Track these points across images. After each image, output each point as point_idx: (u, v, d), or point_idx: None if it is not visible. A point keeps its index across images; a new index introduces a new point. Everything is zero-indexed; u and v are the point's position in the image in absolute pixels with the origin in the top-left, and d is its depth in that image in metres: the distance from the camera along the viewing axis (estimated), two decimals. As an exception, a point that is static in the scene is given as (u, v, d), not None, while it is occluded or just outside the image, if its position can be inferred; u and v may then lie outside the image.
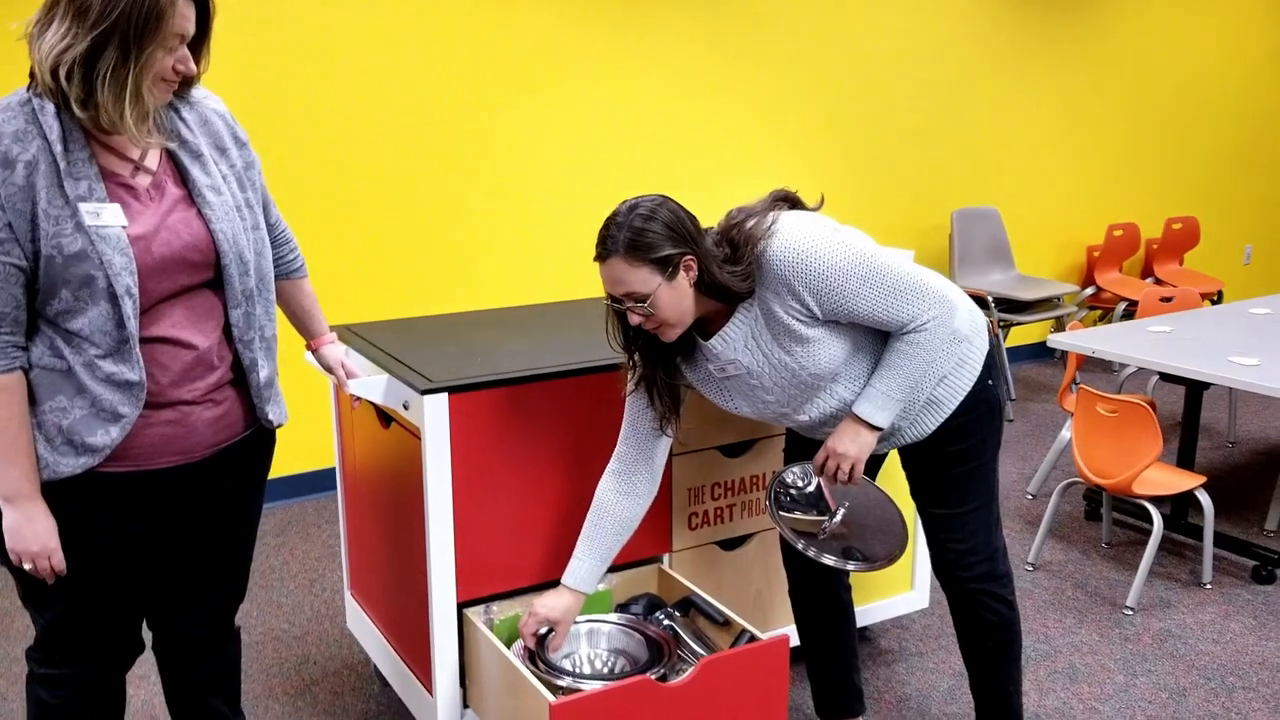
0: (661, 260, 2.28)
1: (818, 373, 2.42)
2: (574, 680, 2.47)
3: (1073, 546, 4.35)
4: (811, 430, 2.60)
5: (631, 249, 2.28)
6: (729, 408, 2.57)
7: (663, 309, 2.32)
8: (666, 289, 2.30)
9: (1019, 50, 6.74)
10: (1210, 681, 3.37)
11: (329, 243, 4.74)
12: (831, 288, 2.33)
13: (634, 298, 2.32)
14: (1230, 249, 8.32)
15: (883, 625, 3.69)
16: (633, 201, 2.33)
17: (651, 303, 2.31)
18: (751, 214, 2.41)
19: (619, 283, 2.32)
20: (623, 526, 2.62)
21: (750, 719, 2.47)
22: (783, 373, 2.43)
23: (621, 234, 2.29)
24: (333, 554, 4.31)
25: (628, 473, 2.61)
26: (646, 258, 2.28)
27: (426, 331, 3.12)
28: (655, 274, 2.29)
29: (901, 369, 2.41)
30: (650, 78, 5.44)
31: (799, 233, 2.35)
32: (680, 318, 2.36)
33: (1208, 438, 5.73)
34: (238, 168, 2.20)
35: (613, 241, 2.30)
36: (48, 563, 2.04)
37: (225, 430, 2.19)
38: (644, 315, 2.34)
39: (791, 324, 2.37)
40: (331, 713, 3.22)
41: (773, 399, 2.49)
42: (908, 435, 2.58)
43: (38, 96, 1.94)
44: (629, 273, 2.29)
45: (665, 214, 2.30)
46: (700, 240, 2.34)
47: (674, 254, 2.29)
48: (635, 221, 2.28)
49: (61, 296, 1.94)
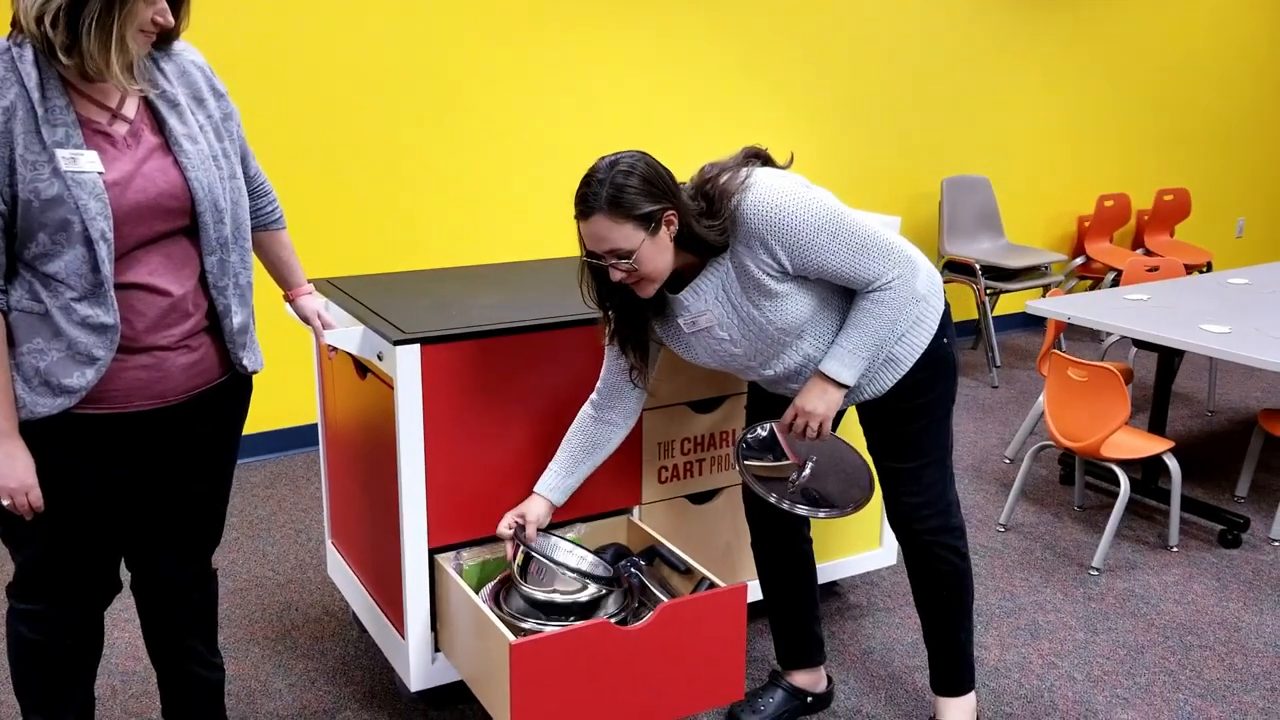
0: (644, 216, 2.32)
1: (784, 327, 2.48)
2: (538, 624, 2.55)
3: (1045, 509, 4.42)
4: (775, 385, 2.67)
5: (614, 206, 2.30)
6: (697, 362, 2.64)
7: (645, 264, 2.36)
8: (649, 244, 2.34)
9: (1013, 19, 6.76)
10: (1168, 640, 3.45)
11: (310, 197, 4.79)
12: (803, 242, 2.38)
13: (617, 254, 2.35)
14: (1222, 222, 8.35)
15: (852, 581, 3.77)
16: (612, 158, 2.35)
17: (636, 259, 2.34)
18: (725, 169, 2.46)
19: (601, 240, 2.34)
20: (594, 445, 2.72)
21: (707, 664, 2.55)
22: (750, 326, 2.49)
23: (604, 190, 2.31)
24: (319, 505, 4.40)
25: (605, 404, 2.71)
26: (630, 214, 2.31)
27: (403, 285, 3.19)
28: (639, 230, 2.32)
29: (867, 327, 2.47)
30: (635, 38, 5.47)
31: (773, 188, 2.40)
32: (660, 272, 2.40)
33: (1187, 406, 5.79)
34: (215, 118, 2.25)
35: (594, 199, 2.32)
36: (25, 499, 2.11)
37: (200, 376, 2.26)
38: (626, 271, 2.37)
39: (761, 278, 2.43)
40: (310, 656, 3.31)
41: (740, 352, 2.55)
42: (866, 392, 2.65)
43: (17, 45, 2.00)
44: (612, 229, 2.32)
45: (644, 169, 2.33)
46: (679, 194, 2.39)
47: (656, 209, 2.33)
48: (616, 178, 2.31)
49: (39, 240, 2.01)
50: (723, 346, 2.55)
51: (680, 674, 2.51)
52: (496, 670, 2.41)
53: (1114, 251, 7.27)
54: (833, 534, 3.44)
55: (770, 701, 3.00)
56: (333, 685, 3.17)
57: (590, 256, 2.42)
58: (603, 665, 2.40)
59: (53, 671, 2.36)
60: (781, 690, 3.03)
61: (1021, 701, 3.12)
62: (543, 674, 2.33)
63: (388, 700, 3.10)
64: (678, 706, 2.53)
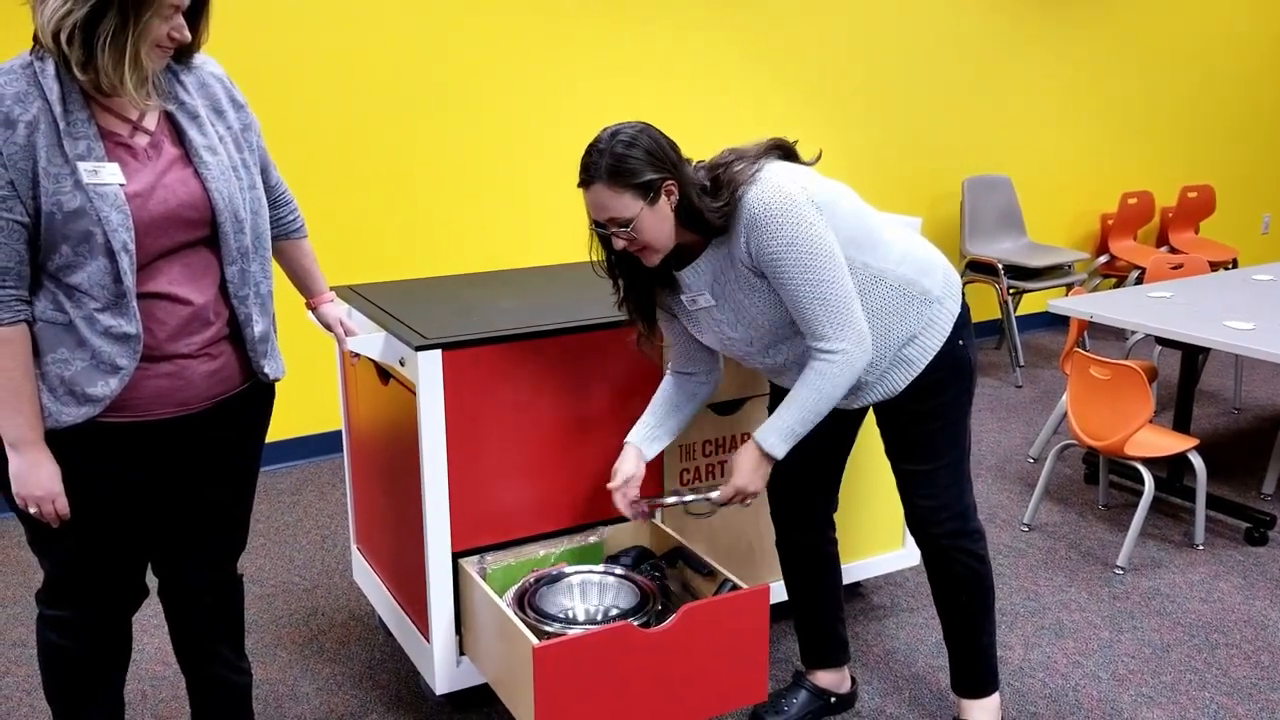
0: (643, 185, 2.35)
1: (774, 320, 2.50)
2: (562, 626, 2.57)
3: (1070, 508, 4.41)
4: (777, 375, 2.67)
5: (614, 175, 2.35)
6: (702, 340, 2.66)
7: (645, 233, 2.40)
8: (649, 213, 2.38)
9: (1034, 18, 6.74)
10: (1194, 638, 3.44)
11: (330, 206, 4.82)
12: (772, 254, 2.39)
13: (617, 223, 2.39)
14: (1248, 218, 8.30)
15: (875, 581, 3.78)
16: (614, 128, 2.39)
17: (634, 227, 2.38)
18: (743, 156, 2.49)
19: (602, 208, 2.39)
20: (679, 402, 2.75)
21: (730, 665, 2.56)
22: (741, 315, 2.52)
23: (604, 160, 2.36)
24: (345, 512, 4.43)
25: (680, 369, 2.76)
26: (629, 183, 2.35)
27: (424, 291, 3.21)
28: (637, 199, 2.36)
29: (805, 403, 2.48)
30: (655, 41, 5.49)
31: (777, 190, 2.40)
32: (662, 242, 2.43)
33: (1214, 404, 5.77)
34: (235, 129, 2.28)
35: (595, 168, 2.37)
36: (52, 507, 2.13)
37: (222, 383, 2.28)
38: (627, 239, 2.41)
39: (745, 271, 2.45)
40: (337, 661, 3.33)
41: (737, 336, 2.57)
42: (877, 392, 2.65)
43: (40, 59, 2.03)
44: (612, 198, 2.36)
45: (646, 140, 2.37)
46: (681, 165, 2.41)
47: (655, 179, 2.36)
48: (617, 148, 2.35)
49: (62, 252, 2.03)
50: (721, 329, 2.57)
51: (703, 675, 2.52)
52: (520, 673, 2.43)
53: (1138, 249, 7.23)
54: (856, 535, 3.44)
55: (794, 702, 3.01)
56: (359, 689, 3.19)
57: (595, 225, 2.46)
58: (626, 667, 2.41)
59: (82, 677, 2.39)
60: (805, 691, 3.03)
61: (1046, 701, 3.11)
62: (566, 676, 2.34)
63: (413, 703, 3.12)
64: (701, 708, 2.54)
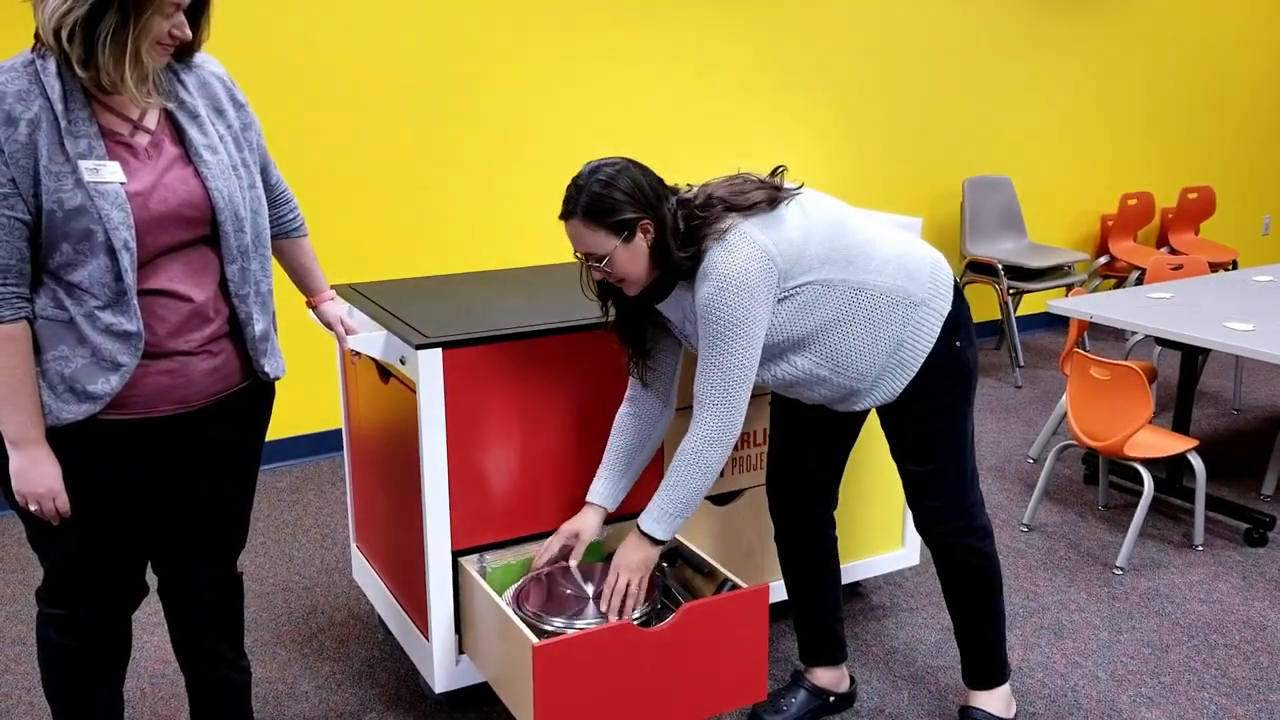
0: (618, 224, 2.39)
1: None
2: (562, 625, 2.57)
3: (1069, 509, 4.41)
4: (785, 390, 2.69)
5: (589, 212, 2.39)
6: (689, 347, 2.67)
7: (619, 268, 2.43)
8: (623, 250, 2.41)
9: (1034, 19, 6.75)
10: (1193, 639, 3.44)
11: (331, 204, 4.83)
12: (703, 309, 2.42)
13: (593, 257, 2.44)
14: (1248, 219, 8.31)
15: (875, 581, 3.78)
16: (595, 164, 2.43)
17: (608, 262, 2.43)
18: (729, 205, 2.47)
19: (579, 242, 2.45)
20: (634, 447, 2.74)
21: (730, 664, 2.56)
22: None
23: (581, 197, 2.39)
24: (344, 510, 4.43)
25: (637, 398, 2.75)
26: (604, 221, 2.39)
27: (424, 290, 3.21)
28: (612, 237, 2.40)
29: (679, 486, 2.51)
30: (656, 43, 5.49)
31: (732, 262, 2.40)
32: (637, 276, 2.47)
33: (1213, 405, 5.77)
34: (235, 128, 2.28)
35: (572, 204, 2.41)
36: (52, 504, 2.14)
37: (222, 381, 2.28)
38: (602, 274, 2.47)
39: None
40: (336, 659, 3.33)
41: None
42: (873, 398, 2.66)
43: (41, 57, 2.03)
44: (588, 234, 2.41)
45: (625, 180, 2.39)
46: (660, 206, 2.42)
47: (631, 218, 2.39)
48: (594, 186, 2.39)
49: (62, 250, 2.04)
50: None
51: (703, 675, 2.52)
52: (520, 672, 2.43)
53: (1138, 250, 7.24)
54: (856, 535, 3.45)
55: (793, 701, 3.01)
56: (358, 687, 3.19)
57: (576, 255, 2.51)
58: (626, 666, 2.41)
59: (82, 674, 2.39)
60: (804, 690, 3.04)
61: (1045, 701, 3.12)
62: (566, 675, 2.34)
63: (413, 702, 3.12)
64: (700, 707, 2.54)
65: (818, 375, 2.59)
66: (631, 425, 2.75)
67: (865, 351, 2.58)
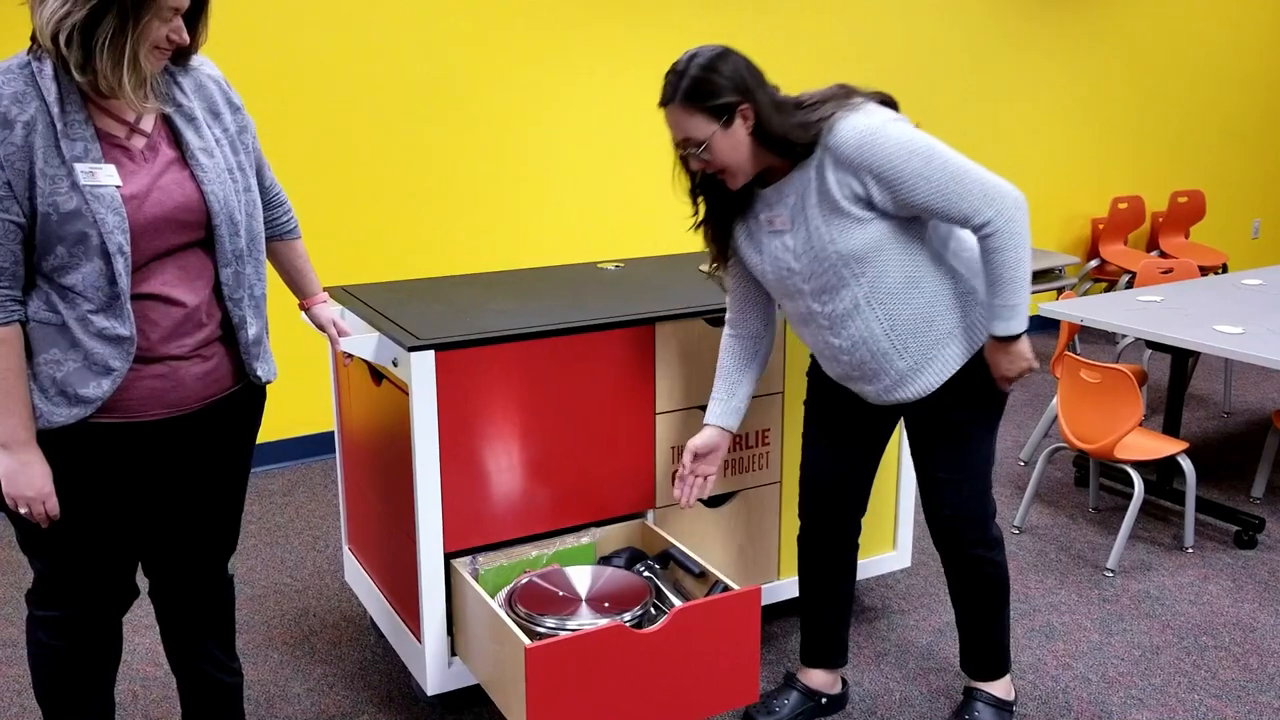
0: (717, 108, 2.39)
1: (842, 251, 2.49)
2: (554, 626, 2.57)
3: (1060, 511, 4.43)
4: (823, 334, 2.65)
5: (688, 97, 2.40)
6: (765, 278, 2.65)
7: (718, 155, 2.44)
8: (722, 136, 2.42)
9: (1025, 22, 6.77)
10: (1183, 640, 3.45)
11: (324, 207, 4.83)
12: (894, 170, 2.41)
13: (691, 143, 2.44)
14: (1238, 223, 8.34)
15: (867, 583, 3.79)
16: (695, 50, 2.43)
17: (706, 149, 2.43)
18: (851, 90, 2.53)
19: (677, 127, 2.45)
20: (742, 363, 2.79)
21: (722, 666, 2.57)
22: (813, 241, 2.51)
23: (681, 81, 2.40)
24: (336, 512, 4.43)
25: (736, 320, 2.79)
26: (702, 105, 2.39)
27: (417, 292, 3.22)
28: (711, 121, 2.41)
29: (1004, 278, 2.48)
30: (645, 46, 5.49)
31: (876, 117, 2.44)
32: (737, 165, 2.47)
33: (1204, 408, 5.79)
34: (231, 131, 2.28)
35: (671, 89, 2.42)
36: (42, 508, 2.13)
37: (214, 385, 2.28)
38: (701, 162, 2.46)
39: (838, 198, 2.45)
40: (328, 661, 3.33)
41: (798, 269, 2.56)
42: (912, 389, 2.65)
43: (37, 59, 2.03)
44: (686, 119, 2.41)
45: (724, 64, 2.41)
46: (759, 91, 2.43)
47: (730, 102, 2.40)
48: (694, 70, 2.40)
49: (57, 253, 2.04)
50: (785, 257, 2.57)
51: (695, 676, 2.53)
52: (512, 673, 2.43)
53: (1128, 254, 7.26)
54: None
55: (785, 703, 3.02)
56: (350, 690, 3.19)
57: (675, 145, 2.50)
58: (618, 668, 2.41)
59: (73, 677, 2.38)
60: (796, 691, 3.04)
61: (1036, 703, 3.12)
62: (558, 677, 2.35)
63: (405, 704, 3.12)
64: (692, 709, 2.55)
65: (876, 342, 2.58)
66: (733, 345, 2.80)
67: (920, 327, 2.58)
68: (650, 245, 5.70)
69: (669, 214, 5.72)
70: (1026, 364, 2.59)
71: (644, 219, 5.67)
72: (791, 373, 3.22)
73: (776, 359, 3.18)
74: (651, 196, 5.65)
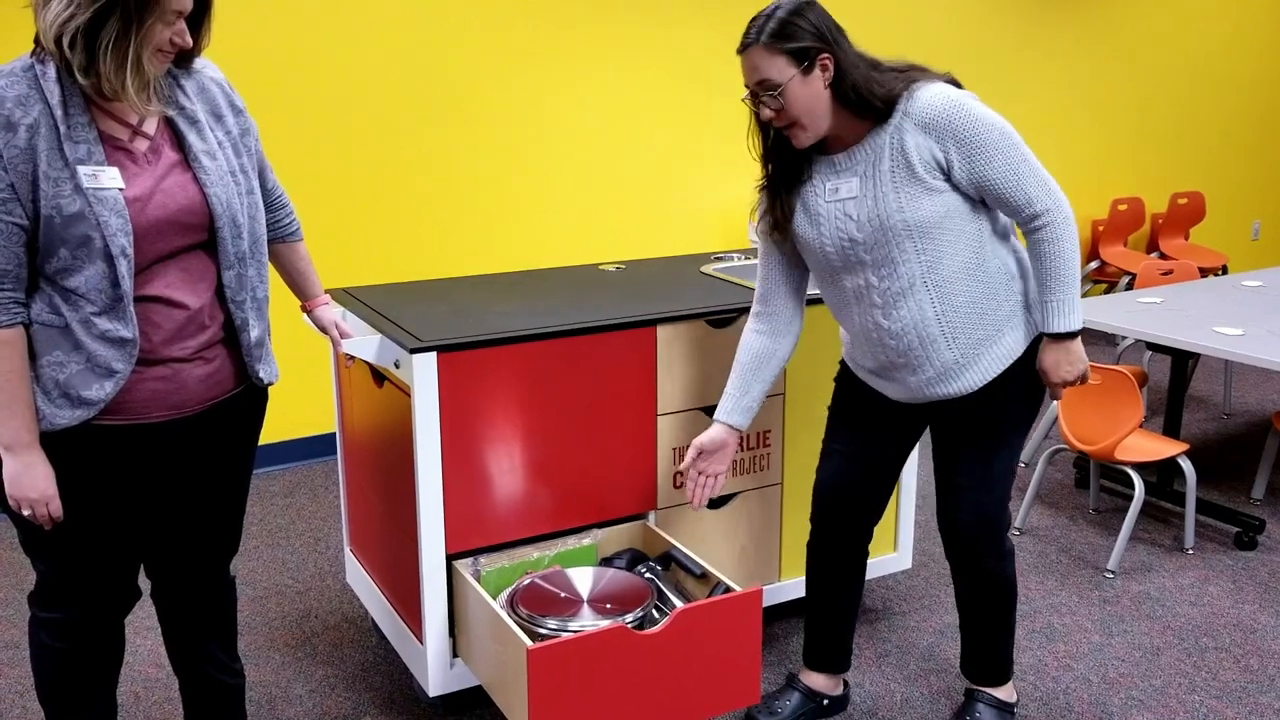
0: (798, 52, 2.40)
1: (909, 220, 2.48)
2: (556, 628, 2.58)
3: (1060, 513, 4.43)
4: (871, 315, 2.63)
5: (771, 36, 2.41)
6: (816, 245, 2.62)
7: (793, 103, 2.43)
8: (799, 83, 2.42)
9: (1024, 23, 6.77)
10: (1184, 641, 3.46)
11: (326, 209, 4.84)
12: (977, 139, 2.43)
13: (766, 86, 2.42)
14: (1238, 224, 8.34)
15: (868, 584, 3.79)
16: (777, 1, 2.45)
17: (783, 93, 2.42)
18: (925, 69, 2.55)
19: (755, 70, 2.43)
20: (761, 360, 2.77)
21: (723, 667, 2.57)
22: (879, 208, 2.50)
23: (766, 24, 2.41)
24: (337, 514, 4.43)
25: (764, 313, 2.77)
26: (783, 47, 2.40)
27: (419, 294, 3.22)
28: (791, 65, 2.41)
29: (1055, 274, 2.51)
30: (648, 50, 5.50)
31: (959, 91, 2.47)
32: (811, 118, 2.46)
33: (1204, 409, 5.79)
34: (233, 134, 2.29)
35: (756, 31, 2.42)
36: (45, 510, 2.14)
37: (216, 387, 2.29)
38: (775, 109, 2.44)
39: (915, 164, 2.46)
40: (330, 663, 3.34)
41: (860, 238, 2.54)
42: (955, 385, 2.64)
43: (41, 62, 2.04)
44: (765, 60, 2.41)
45: (810, 12, 2.43)
46: (841, 43, 2.45)
47: (812, 47, 2.41)
48: (779, 13, 2.42)
49: (60, 255, 2.04)
50: (847, 226, 2.55)
51: (696, 678, 2.53)
52: (514, 675, 2.44)
53: (1128, 255, 7.27)
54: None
55: (786, 704, 3.02)
56: (352, 691, 3.20)
57: (750, 96, 2.48)
58: (620, 669, 2.42)
59: (75, 678, 2.39)
60: (798, 693, 3.05)
61: (1037, 704, 3.13)
62: (560, 678, 2.35)
63: (406, 706, 3.12)
64: (694, 710, 2.55)
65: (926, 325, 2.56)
66: (755, 341, 2.77)
67: (974, 316, 2.58)
68: (652, 246, 5.70)
69: (671, 215, 5.73)
70: (1085, 365, 2.60)
71: (645, 220, 5.68)
72: (794, 375, 3.22)
73: (777, 361, 3.18)
74: (653, 197, 5.66)
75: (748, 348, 2.78)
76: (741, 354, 2.78)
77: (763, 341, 2.77)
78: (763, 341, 2.77)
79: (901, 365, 2.65)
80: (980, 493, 2.73)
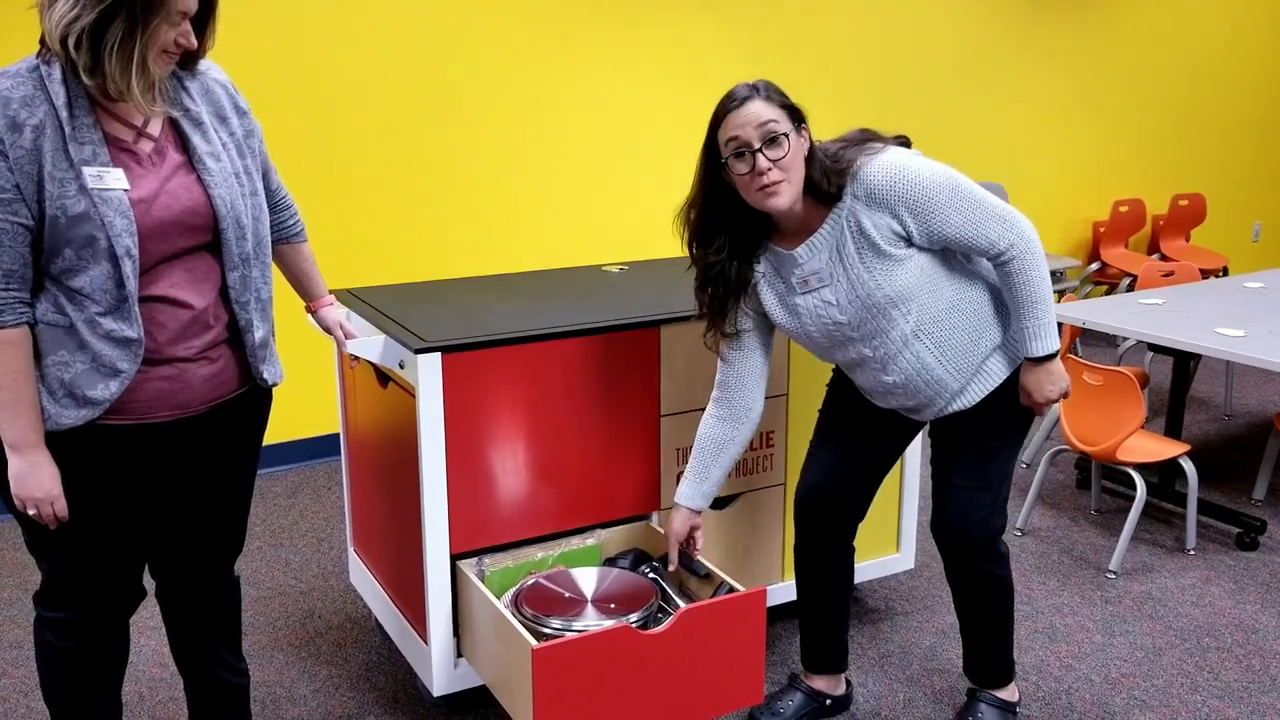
0: (792, 109, 2.45)
1: (891, 294, 2.51)
2: (561, 627, 2.58)
3: (1062, 513, 4.44)
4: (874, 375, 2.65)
5: (772, 92, 2.45)
6: (802, 335, 2.65)
7: (792, 153, 2.44)
8: (795, 138, 2.45)
9: (1027, 25, 6.78)
10: (1186, 642, 3.46)
11: (331, 210, 4.84)
12: (926, 201, 2.45)
13: (773, 131, 2.42)
14: (1239, 226, 8.35)
15: (870, 585, 3.79)
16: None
17: (788, 138, 2.43)
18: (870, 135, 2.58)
19: (758, 118, 2.42)
20: (720, 446, 2.77)
21: (727, 667, 2.58)
22: (858, 290, 2.52)
23: (757, 84, 2.46)
24: (341, 515, 4.44)
25: (722, 398, 2.76)
26: (781, 101, 2.44)
27: (423, 295, 3.23)
28: (788, 120, 2.44)
29: (1030, 301, 2.54)
30: (646, 52, 5.51)
31: (902, 155, 2.50)
32: (797, 176, 2.47)
33: (1205, 410, 5.80)
34: (238, 135, 2.29)
35: (752, 90, 2.45)
36: (50, 509, 2.14)
37: (220, 387, 2.29)
38: (775, 159, 2.42)
39: (877, 239, 2.48)
40: (334, 663, 3.34)
41: (845, 320, 2.57)
42: (958, 402, 2.68)
43: (46, 63, 2.04)
44: (768, 110, 2.43)
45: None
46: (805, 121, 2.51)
47: (799, 111, 2.47)
48: (765, 82, 2.48)
49: (65, 255, 2.05)
50: (829, 312, 2.57)
51: (700, 677, 2.54)
52: (519, 675, 2.44)
53: (1129, 257, 7.27)
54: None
55: (789, 704, 3.03)
56: (356, 691, 3.20)
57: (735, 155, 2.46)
58: (624, 669, 2.42)
59: (80, 678, 2.40)
60: (800, 693, 3.05)
61: (1040, 704, 3.13)
62: (564, 678, 2.36)
63: (411, 705, 3.13)
64: (698, 710, 2.56)
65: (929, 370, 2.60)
66: (716, 426, 2.77)
67: (965, 348, 2.61)
68: (655, 248, 5.71)
69: (673, 216, 5.72)
70: (1066, 384, 2.63)
71: (648, 221, 5.68)
72: (796, 375, 3.23)
73: (781, 360, 3.19)
74: (655, 198, 5.66)
75: (707, 434, 2.78)
76: (701, 438, 2.79)
77: (722, 429, 2.76)
78: (722, 429, 2.76)
79: (913, 407, 2.70)
80: (974, 495, 2.74)
